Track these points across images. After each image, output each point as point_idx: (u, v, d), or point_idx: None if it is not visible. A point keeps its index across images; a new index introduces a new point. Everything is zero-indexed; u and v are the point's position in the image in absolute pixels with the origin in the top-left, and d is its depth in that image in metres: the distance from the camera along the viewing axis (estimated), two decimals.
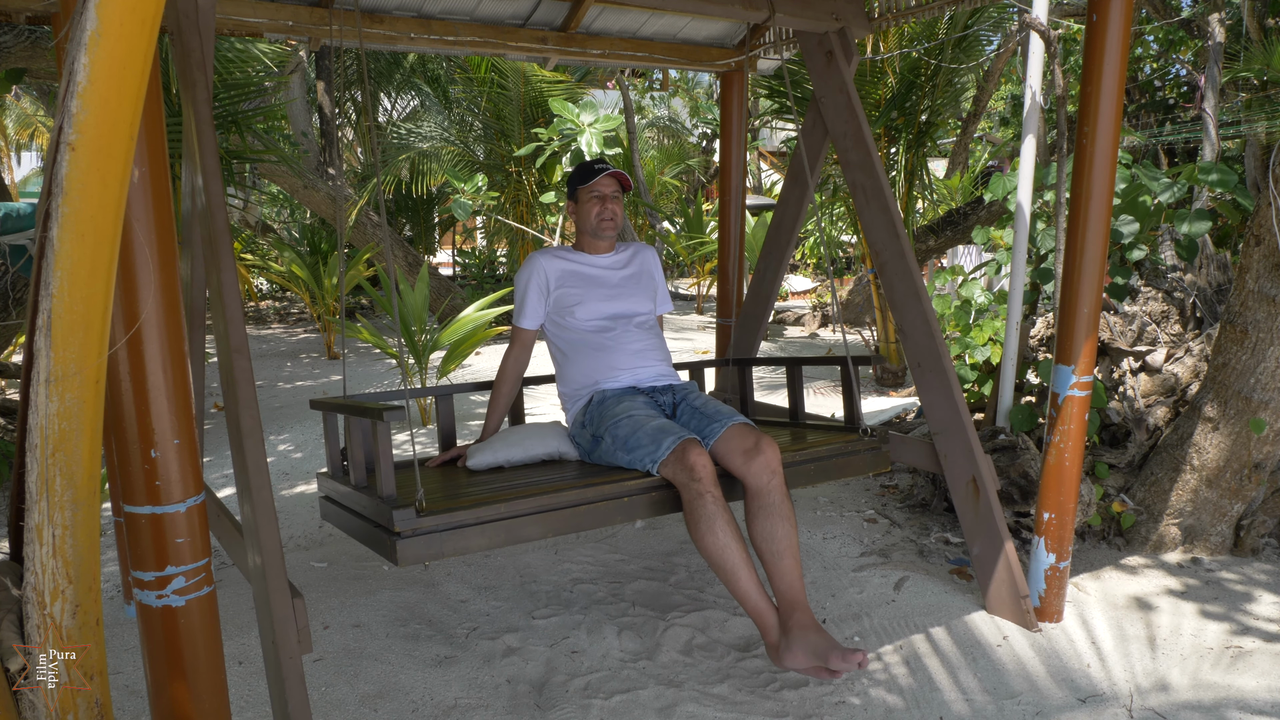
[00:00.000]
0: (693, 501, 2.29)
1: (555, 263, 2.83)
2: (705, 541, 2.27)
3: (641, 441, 2.42)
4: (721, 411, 2.59)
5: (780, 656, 2.24)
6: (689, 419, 2.64)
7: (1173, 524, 3.24)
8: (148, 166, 1.51)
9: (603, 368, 2.74)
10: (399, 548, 2.07)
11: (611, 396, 2.67)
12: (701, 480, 2.28)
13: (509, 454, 2.66)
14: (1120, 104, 2.48)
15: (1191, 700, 2.35)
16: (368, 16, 3.09)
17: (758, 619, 2.28)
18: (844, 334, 3.25)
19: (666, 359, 2.89)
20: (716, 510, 2.27)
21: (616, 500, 2.35)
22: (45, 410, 1.18)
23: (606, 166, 2.81)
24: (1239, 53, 7.43)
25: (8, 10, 2.50)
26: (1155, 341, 3.56)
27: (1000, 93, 13.20)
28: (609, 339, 2.77)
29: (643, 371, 2.77)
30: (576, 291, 2.79)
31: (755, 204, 12.06)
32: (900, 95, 6.09)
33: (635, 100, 15.50)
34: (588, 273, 2.84)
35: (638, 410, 2.56)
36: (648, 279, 2.95)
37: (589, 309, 2.77)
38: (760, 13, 2.95)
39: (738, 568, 2.25)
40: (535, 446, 2.70)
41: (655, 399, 2.73)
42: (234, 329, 2.03)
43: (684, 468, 2.31)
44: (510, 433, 2.78)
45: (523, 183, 9.23)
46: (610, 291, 2.82)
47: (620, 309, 2.81)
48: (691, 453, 2.31)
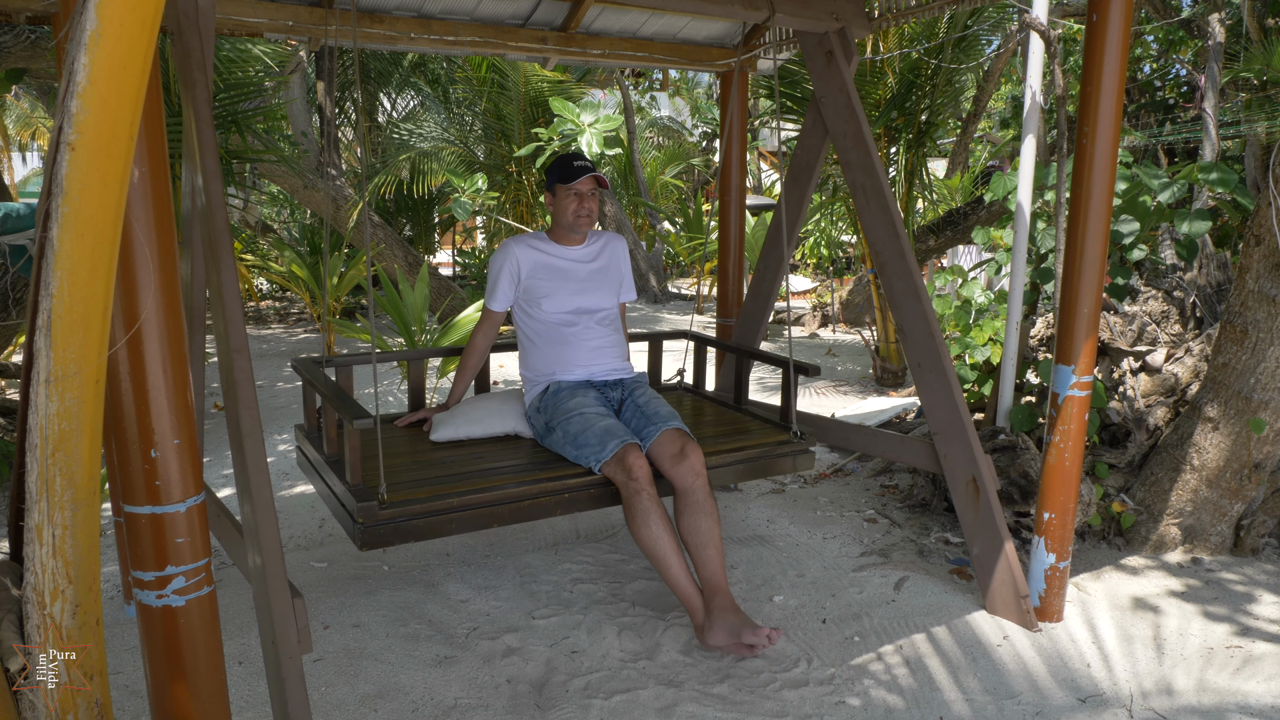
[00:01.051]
0: (630, 499, 2.58)
1: (529, 253, 2.98)
2: (641, 534, 2.56)
3: (589, 440, 2.67)
4: (660, 414, 2.83)
5: (704, 636, 2.53)
6: (631, 417, 2.89)
7: (1173, 524, 3.24)
8: (148, 166, 1.51)
9: (562, 360, 2.96)
10: (362, 535, 2.34)
11: (566, 389, 2.90)
12: (638, 480, 2.58)
13: (470, 430, 2.94)
14: (1120, 104, 2.48)
15: (1192, 702, 2.35)
16: (367, 16, 3.09)
17: (685, 602, 2.57)
18: (789, 336, 3.35)
19: (623, 354, 3.11)
20: (650, 506, 2.56)
21: (559, 496, 2.64)
22: (45, 410, 1.18)
23: (587, 166, 2.92)
24: (1239, 53, 7.42)
25: (8, 10, 2.50)
26: (1155, 341, 3.56)
27: (1000, 93, 13.20)
28: (570, 334, 2.97)
29: (597, 367, 3.00)
30: (546, 284, 2.96)
31: (755, 204, 12.05)
32: (900, 95, 6.09)
33: (635, 100, 15.51)
34: (558, 265, 3.00)
35: (588, 408, 2.80)
36: (615, 272, 3.12)
37: (555, 302, 2.95)
38: (760, 13, 2.95)
39: (668, 556, 2.55)
40: (494, 425, 2.97)
41: (605, 394, 2.97)
42: (234, 329, 2.03)
43: (623, 469, 2.60)
44: (473, 407, 3.04)
45: (523, 183, 9.23)
46: (578, 285, 2.99)
47: (585, 304, 2.99)
48: (630, 456, 2.60)
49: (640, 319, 10.24)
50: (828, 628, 2.74)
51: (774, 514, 3.73)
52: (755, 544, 3.39)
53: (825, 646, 2.63)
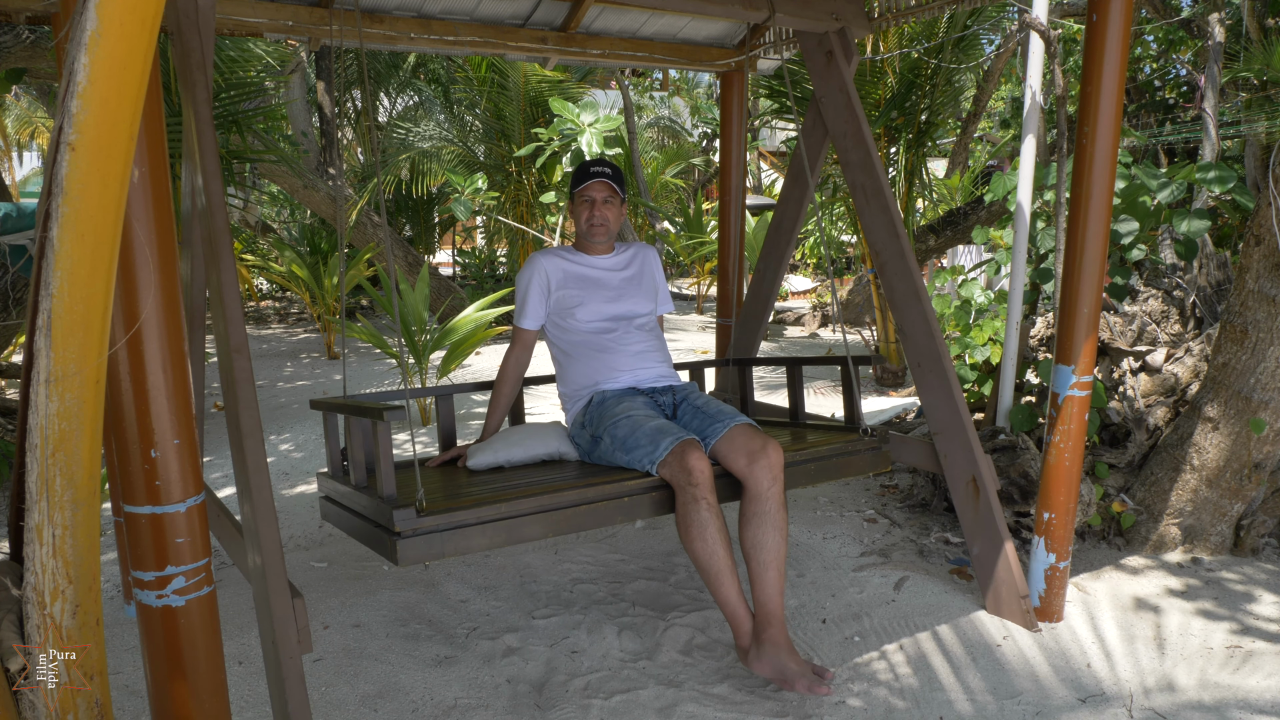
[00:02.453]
0: (687, 505, 2.30)
1: (557, 264, 2.82)
2: (695, 545, 2.30)
3: (640, 442, 2.42)
4: (724, 411, 2.58)
5: (750, 662, 2.32)
6: (690, 419, 2.63)
7: (1173, 524, 3.24)
8: (148, 166, 1.51)
9: (603, 369, 2.74)
10: (399, 548, 2.07)
11: (611, 397, 2.67)
12: (698, 485, 2.29)
13: (509, 454, 2.65)
14: (1120, 104, 2.48)
15: (1193, 700, 2.35)
16: (368, 16, 3.09)
17: (734, 623, 2.34)
18: (844, 334, 3.26)
19: (667, 360, 2.89)
20: (710, 517, 2.28)
21: (617, 500, 2.35)
22: (45, 410, 1.18)
23: (602, 171, 2.77)
24: (1239, 53, 7.42)
25: (8, 10, 2.50)
26: (1155, 341, 3.56)
27: (1000, 93, 13.20)
28: (609, 340, 2.77)
29: (643, 372, 2.77)
30: (577, 293, 2.79)
31: (755, 204, 12.05)
32: (900, 95, 6.09)
33: (635, 100, 15.51)
34: (589, 274, 2.84)
35: (637, 410, 2.56)
36: (648, 280, 2.95)
37: (590, 310, 2.77)
38: (760, 13, 2.95)
39: (722, 573, 2.30)
40: (535, 446, 2.69)
41: (655, 399, 2.73)
42: (234, 329, 2.03)
43: (683, 469, 2.31)
44: (510, 433, 2.77)
45: (523, 183, 9.22)
46: (611, 293, 2.82)
47: (621, 310, 2.81)
48: (690, 455, 2.31)
49: None
50: (828, 628, 2.74)
51: None
52: None
53: (825, 646, 2.63)
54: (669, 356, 2.92)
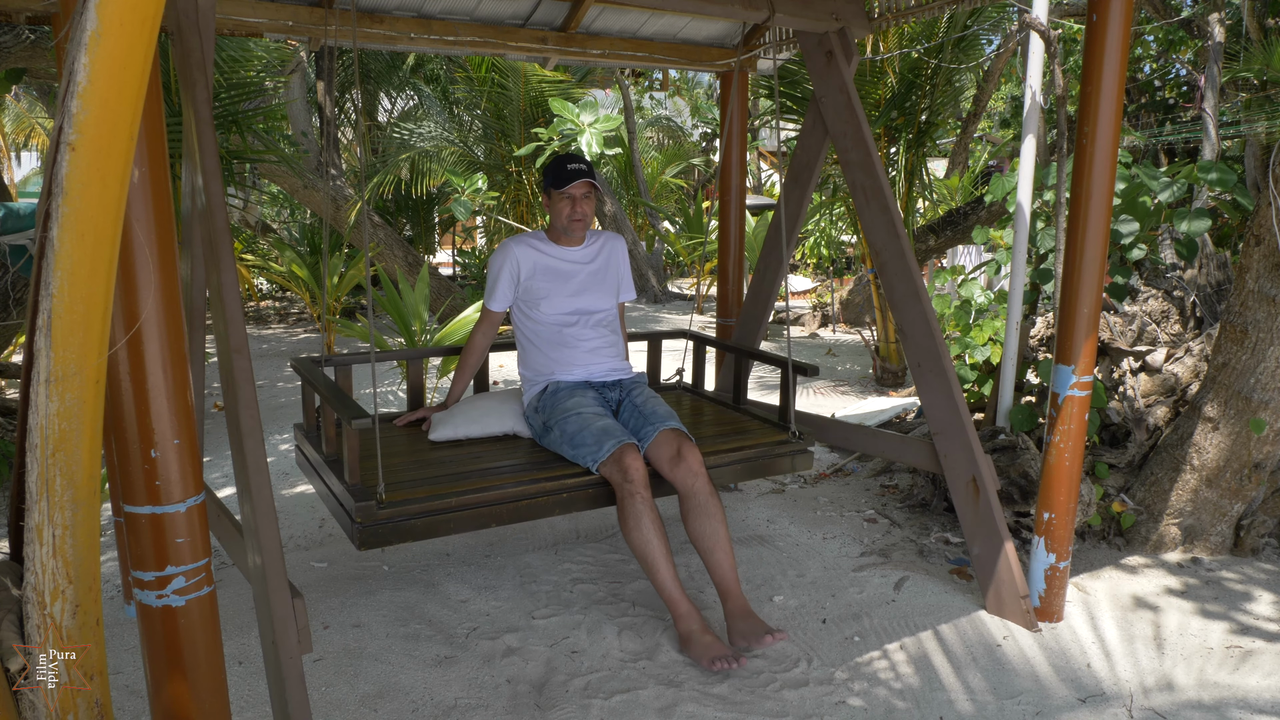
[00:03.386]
0: (624, 500, 2.58)
1: (529, 254, 2.99)
2: (632, 535, 2.57)
3: (586, 440, 2.68)
4: (658, 414, 2.83)
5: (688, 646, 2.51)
6: (629, 417, 2.89)
7: (1173, 524, 3.24)
8: (148, 166, 1.51)
9: (560, 361, 2.98)
10: (360, 535, 2.35)
11: (564, 389, 2.92)
12: (634, 482, 2.58)
13: (468, 429, 2.96)
14: (1120, 104, 2.48)
15: (1193, 700, 2.35)
16: (368, 16, 3.09)
17: (671, 607, 2.56)
18: (788, 336, 3.38)
19: (619, 354, 3.12)
20: (643, 509, 2.56)
21: (556, 496, 2.65)
22: (45, 410, 1.18)
23: (581, 170, 2.91)
24: (1239, 53, 7.42)
25: (8, 10, 2.50)
26: (1155, 341, 3.56)
27: (1000, 93, 13.20)
28: (569, 335, 2.98)
29: (595, 367, 3.01)
30: (545, 285, 2.97)
31: (755, 204, 12.05)
32: (900, 95, 6.09)
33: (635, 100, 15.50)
34: (557, 267, 3.00)
35: (586, 408, 2.81)
36: (613, 273, 3.12)
37: (553, 304, 2.97)
38: (760, 13, 2.95)
39: (658, 559, 2.55)
40: (493, 424, 2.99)
41: (604, 394, 2.99)
42: (234, 329, 2.03)
43: (619, 469, 2.60)
44: (472, 407, 3.05)
45: (523, 183, 9.22)
46: (576, 287, 3.01)
47: (583, 305, 3.01)
48: (627, 457, 2.61)
49: (640, 319, 10.24)
50: (828, 628, 2.74)
51: (774, 514, 3.73)
52: (755, 544, 3.39)
53: (825, 646, 2.63)
54: (624, 350, 3.16)
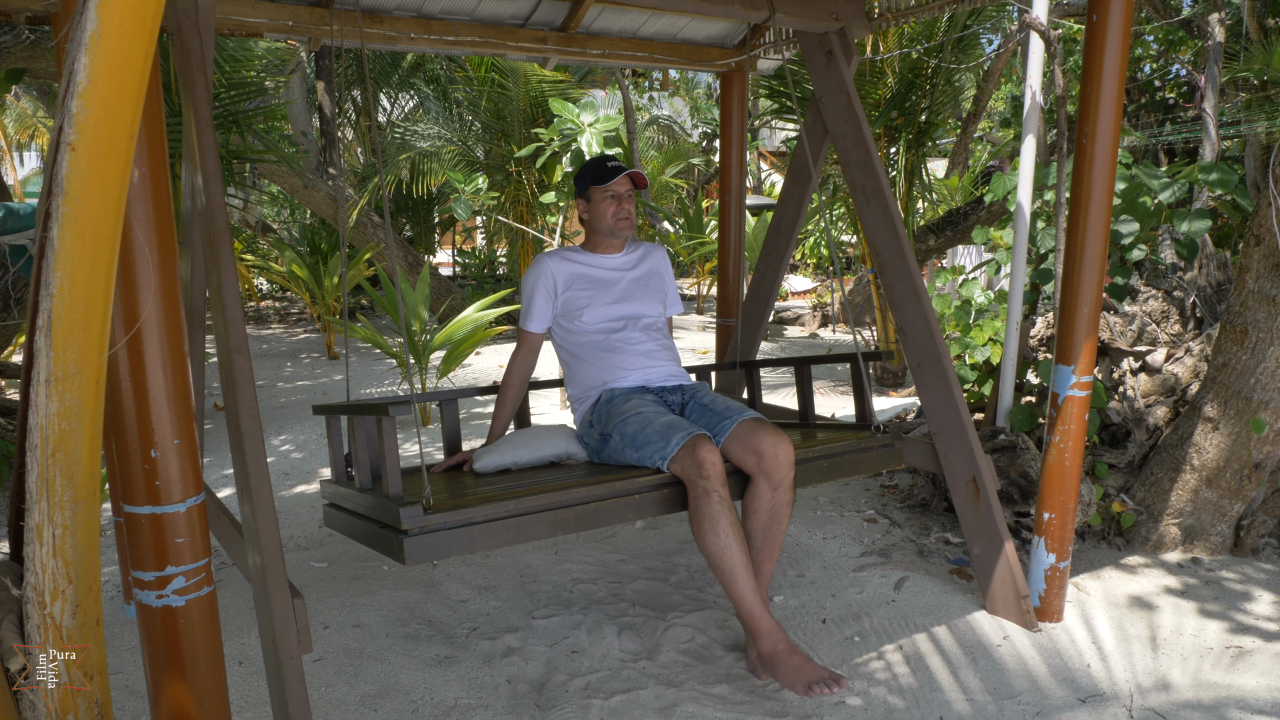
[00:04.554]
0: (698, 499, 2.27)
1: (563, 265, 2.78)
2: (707, 540, 2.26)
3: (651, 438, 2.39)
4: (732, 408, 2.55)
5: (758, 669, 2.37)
6: (699, 417, 2.60)
7: (1173, 524, 3.24)
8: (148, 166, 1.51)
9: (611, 368, 2.71)
10: (406, 546, 2.03)
11: (620, 394, 2.64)
12: (710, 478, 2.26)
13: (516, 456, 2.60)
14: (1120, 104, 2.48)
15: (1192, 700, 2.35)
16: (368, 16, 3.09)
17: (750, 625, 2.29)
18: (854, 332, 3.28)
19: (675, 360, 2.85)
20: (721, 510, 2.25)
21: (627, 497, 2.32)
22: (45, 410, 1.18)
23: (622, 166, 2.75)
24: (1239, 53, 7.42)
25: (8, 10, 2.50)
26: (1155, 341, 3.56)
27: (1000, 93, 13.19)
28: (617, 340, 2.73)
29: (651, 371, 2.74)
30: (584, 294, 2.75)
31: (755, 204, 12.06)
32: (900, 95, 6.09)
33: (635, 101, 15.51)
34: (596, 275, 2.80)
35: (646, 407, 2.53)
36: (657, 281, 2.90)
37: (596, 313, 2.73)
38: (760, 13, 2.95)
39: (736, 570, 2.25)
40: (543, 448, 2.65)
41: (664, 398, 2.71)
42: (234, 329, 2.03)
43: (694, 463, 2.28)
44: (517, 435, 2.72)
45: (523, 183, 9.22)
46: (618, 294, 2.78)
47: (628, 311, 2.77)
48: (702, 448, 2.28)
49: None
50: (828, 628, 2.74)
51: None
52: None
53: (825, 646, 2.63)
54: (678, 357, 2.89)
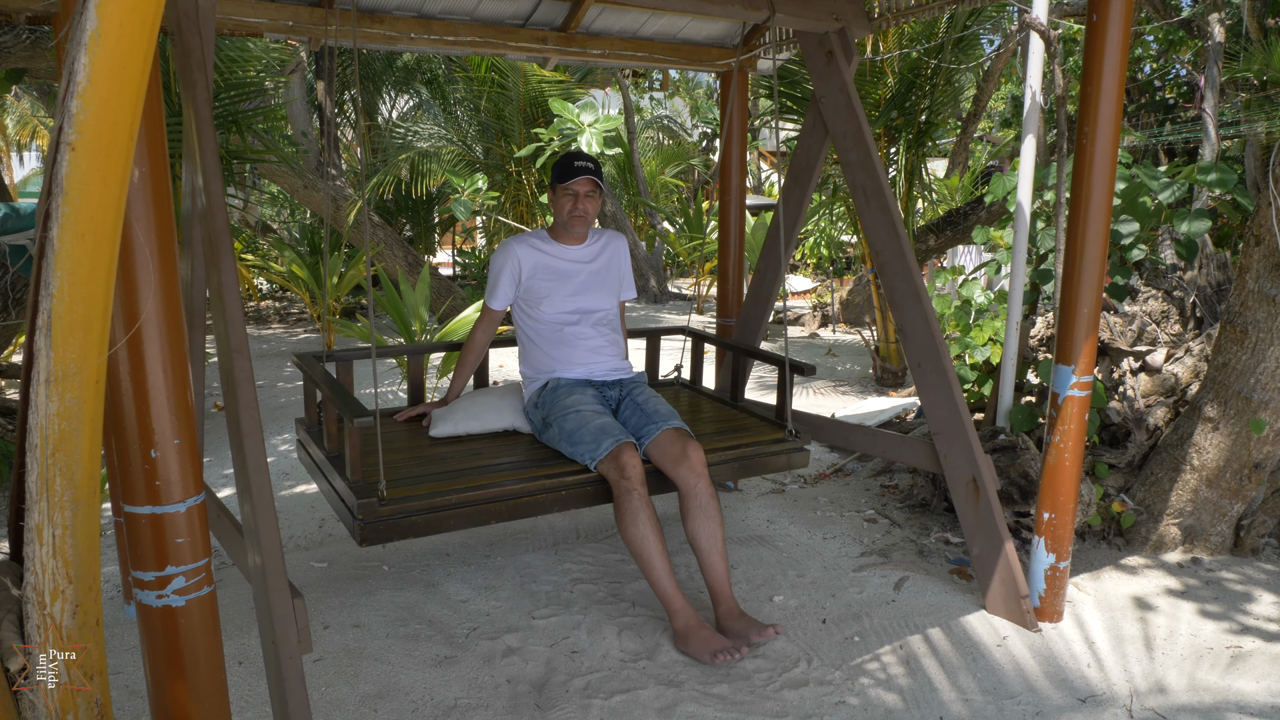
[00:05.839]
0: (621, 497, 2.59)
1: (530, 254, 3.00)
2: (628, 532, 2.58)
3: (584, 438, 2.69)
4: (660, 413, 2.84)
5: (684, 643, 2.55)
6: (630, 415, 2.90)
7: (1173, 524, 3.24)
8: (148, 166, 1.51)
9: (561, 359, 2.99)
10: (360, 531, 2.36)
11: (564, 386, 2.93)
12: (630, 479, 2.59)
13: (468, 425, 2.97)
14: (1120, 104, 2.48)
15: (1191, 700, 2.35)
16: (367, 16, 3.09)
17: (666, 604, 2.59)
18: (785, 335, 3.38)
19: (621, 354, 3.13)
20: (640, 505, 2.57)
21: (555, 493, 2.66)
22: (45, 410, 1.18)
23: (586, 167, 2.92)
24: (1239, 53, 7.42)
25: (8, 10, 2.50)
26: (1155, 341, 3.56)
27: (1000, 93, 13.19)
28: (570, 333, 3.00)
29: (596, 366, 3.02)
30: (546, 285, 2.99)
31: (755, 204, 12.05)
32: (900, 95, 6.09)
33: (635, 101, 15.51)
34: (558, 266, 3.02)
35: (585, 405, 2.82)
36: (614, 272, 3.13)
37: (554, 304, 2.98)
38: (760, 13, 2.95)
39: (653, 556, 2.57)
40: (493, 420, 3.00)
41: (604, 393, 3.00)
42: (234, 329, 2.03)
43: (617, 467, 2.61)
44: (472, 403, 3.05)
45: (523, 183, 9.23)
46: (576, 287, 3.02)
47: (584, 304, 3.02)
48: (625, 455, 2.62)
49: (640, 319, 10.24)
50: (828, 628, 2.74)
51: (774, 514, 3.73)
52: (755, 544, 3.39)
53: (825, 646, 2.63)
54: (625, 349, 3.17)
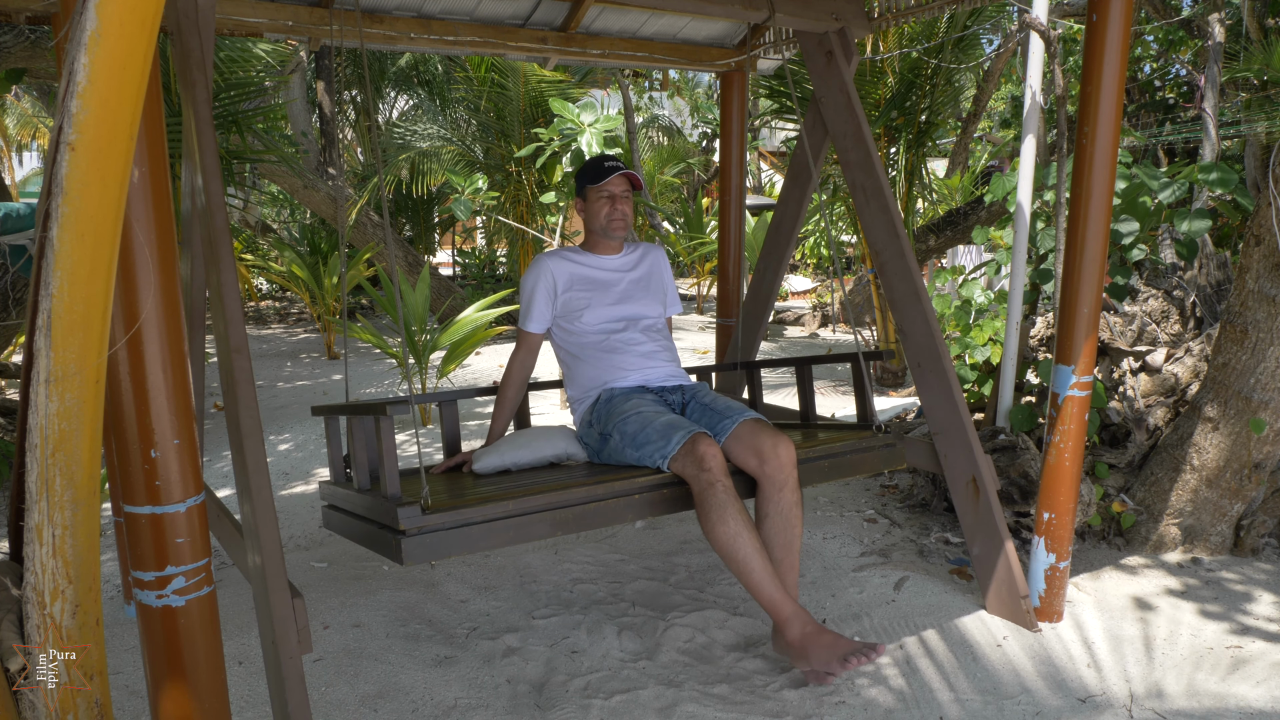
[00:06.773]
0: (703, 492, 2.24)
1: (563, 265, 2.77)
2: (716, 532, 2.22)
3: (651, 437, 2.37)
4: (733, 408, 2.53)
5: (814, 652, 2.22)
6: (699, 416, 2.58)
7: (1173, 524, 3.24)
8: (148, 166, 1.51)
9: (611, 368, 2.70)
10: (404, 546, 2.01)
11: (620, 394, 2.63)
12: (712, 470, 2.24)
13: (516, 457, 2.59)
14: (1120, 104, 2.48)
15: (1190, 703, 2.35)
16: (368, 16, 3.09)
17: (774, 611, 2.25)
18: (855, 332, 3.27)
19: (675, 361, 2.85)
20: (727, 499, 2.22)
21: (627, 498, 2.30)
22: (45, 410, 1.18)
23: (618, 165, 2.73)
24: (1239, 53, 7.42)
25: (8, 10, 2.50)
26: (1155, 341, 3.56)
27: (1000, 93, 13.19)
28: (617, 341, 2.73)
29: (652, 372, 2.73)
30: (584, 296, 2.74)
31: (755, 204, 12.06)
32: (900, 95, 6.09)
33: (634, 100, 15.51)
34: (596, 276, 2.79)
35: (646, 407, 2.52)
36: (657, 281, 2.90)
37: (596, 314, 2.72)
38: (760, 13, 2.95)
39: (750, 558, 2.21)
40: (543, 448, 2.63)
41: (664, 398, 2.69)
42: (234, 329, 2.03)
43: (695, 459, 2.26)
44: (517, 436, 2.70)
45: (523, 183, 9.22)
46: (618, 295, 2.78)
47: (627, 312, 2.76)
48: (701, 444, 2.27)
49: None
50: (827, 628, 2.74)
51: None
52: None
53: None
54: (678, 358, 2.88)
